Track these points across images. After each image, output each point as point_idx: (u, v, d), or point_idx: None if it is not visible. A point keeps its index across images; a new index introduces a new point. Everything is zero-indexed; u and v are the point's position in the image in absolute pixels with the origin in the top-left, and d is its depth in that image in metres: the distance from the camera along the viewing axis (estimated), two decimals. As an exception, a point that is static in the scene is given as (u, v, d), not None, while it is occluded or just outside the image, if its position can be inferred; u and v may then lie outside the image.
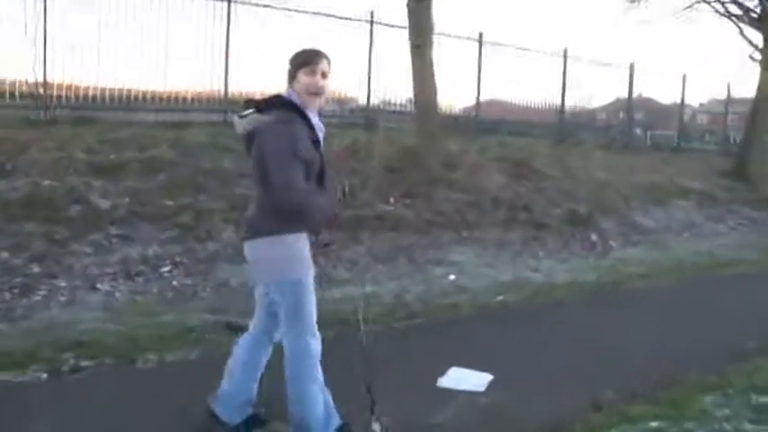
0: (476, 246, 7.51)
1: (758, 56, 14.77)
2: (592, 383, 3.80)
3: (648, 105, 20.71)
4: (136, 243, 6.14)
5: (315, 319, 2.80)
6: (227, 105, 10.03)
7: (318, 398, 2.79)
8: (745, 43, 14.98)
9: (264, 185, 2.63)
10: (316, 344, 2.80)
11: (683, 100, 17.26)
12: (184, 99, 10.16)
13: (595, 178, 10.45)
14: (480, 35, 12.49)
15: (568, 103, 14.75)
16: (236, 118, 2.76)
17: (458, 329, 4.82)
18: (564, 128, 14.24)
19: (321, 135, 2.78)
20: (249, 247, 2.76)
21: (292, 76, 2.72)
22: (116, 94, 9.44)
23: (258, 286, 2.97)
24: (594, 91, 15.88)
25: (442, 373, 3.87)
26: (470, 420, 3.34)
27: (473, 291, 6.09)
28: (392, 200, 8.26)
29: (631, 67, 15.43)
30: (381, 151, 9.05)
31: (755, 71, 14.79)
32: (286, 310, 2.75)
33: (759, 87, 14.65)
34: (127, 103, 9.47)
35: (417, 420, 3.28)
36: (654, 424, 3.25)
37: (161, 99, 9.96)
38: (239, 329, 4.57)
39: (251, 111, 2.69)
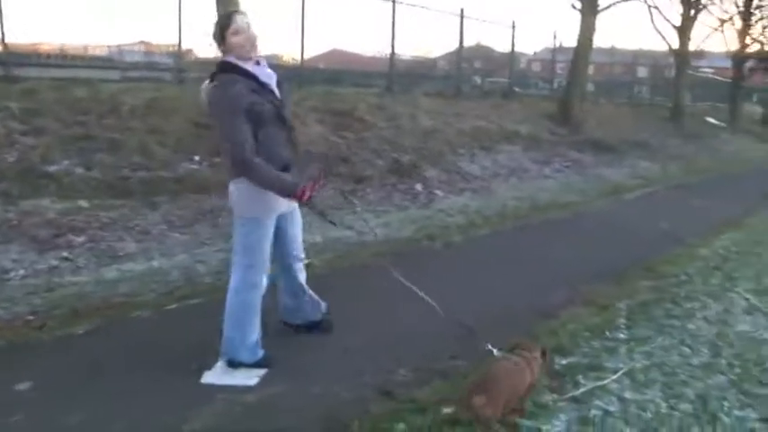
0: (292, 205, 6.85)
1: (579, 4, 15.11)
2: (384, 364, 3.32)
3: (487, 54, 21.17)
4: None
5: (267, 257, 3.25)
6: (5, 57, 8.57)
7: (253, 327, 3.26)
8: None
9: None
10: (263, 279, 3.26)
11: (513, 46, 17.50)
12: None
13: (422, 126, 10.11)
14: (302, -23, 11.60)
15: (410, 54, 14.40)
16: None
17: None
18: (396, 76, 13.81)
19: (272, 81, 3.11)
20: (229, 190, 3.16)
21: (222, 40, 3.05)
22: None
23: None
24: (433, 40, 15.70)
25: (210, 365, 3.24)
26: (232, 423, 2.78)
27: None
28: (197, 158, 7.40)
29: (461, 14, 15.26)
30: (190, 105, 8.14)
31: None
32: (241, 244, 3.17)
33: (580, 34, 15.04)
34: None
35: (170, 428, 2.68)
36: (448, 410, 2.80)
37: None
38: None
39: (208, 81, 3.08)
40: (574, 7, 15.31)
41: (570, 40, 16.89)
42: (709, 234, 6.77)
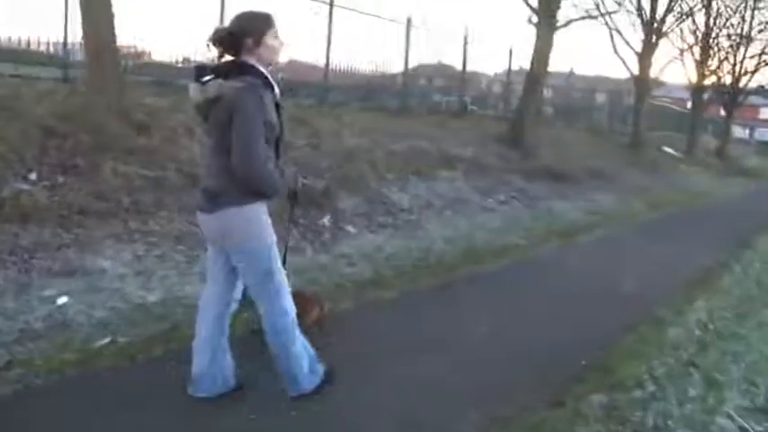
0: (143, 242, 5.25)
1: (536, 19, 13.96)
2: None
3: (447, 72, 20.19)
4: None
5: (285, 278, 2.96)
6: None
7: (302, 352, 2.98)
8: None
9: (227, 152, 2.69)
10: (290, 302, 2.94)
11: (464, 60, 16.15)
12: None
13: (346, 146, 8.55)
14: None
15: (369, 69, 13.60)
16: (194, 85, 2.76)
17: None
18: (329, 89, 12.27)
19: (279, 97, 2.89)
20: (216, 218, 2.79)
21: (258, 41, 2.75)
22: None
23: (215, 256, 3.00)
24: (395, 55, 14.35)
25: None
26: None
27: (83, 327, 3.86)
28: (33, 176, 5.75)
29: (408, 23, 13.84)
30: (43, 107, 6.49)
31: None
32: (258, 274, 2.86)
33: (535, 51, 13.83)
34: None
35: None
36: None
37: None
38: None
39: (211, 77, 2.72)
40: (530, 22, 14.16)
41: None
42: (680, 299, 5.34)
